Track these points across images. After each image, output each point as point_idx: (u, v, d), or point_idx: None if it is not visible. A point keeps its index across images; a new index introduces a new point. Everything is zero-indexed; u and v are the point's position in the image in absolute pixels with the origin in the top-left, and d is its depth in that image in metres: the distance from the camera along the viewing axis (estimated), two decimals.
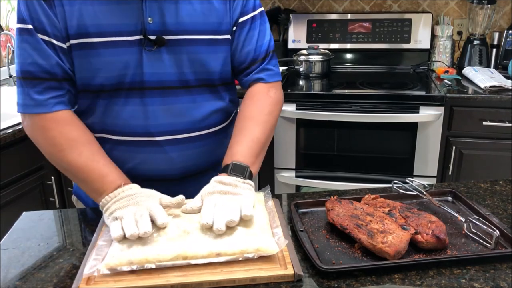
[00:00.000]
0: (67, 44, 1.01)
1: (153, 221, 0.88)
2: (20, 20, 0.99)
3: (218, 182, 0.96)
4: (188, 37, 1.05)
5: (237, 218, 0.87)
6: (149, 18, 1.01)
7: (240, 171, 0.99)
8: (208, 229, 0.88)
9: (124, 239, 0.86)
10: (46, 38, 0.99)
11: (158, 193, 0.96)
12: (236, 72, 1.17)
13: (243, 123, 1.10)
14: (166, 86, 1.06)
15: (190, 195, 0.98)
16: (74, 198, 1.26)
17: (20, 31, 0.99)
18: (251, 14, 1.13)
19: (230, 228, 0.88)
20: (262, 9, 1.16)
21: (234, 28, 1.11)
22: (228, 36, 1.10)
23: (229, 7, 1.09)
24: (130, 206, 0.91)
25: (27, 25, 0.98)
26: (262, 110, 1.12)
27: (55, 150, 1.00)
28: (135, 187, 0.96)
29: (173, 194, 0.96)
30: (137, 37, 1.02)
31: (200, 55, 1.07)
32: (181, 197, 0.95)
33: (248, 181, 0.98)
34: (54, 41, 0.99)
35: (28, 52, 0.99)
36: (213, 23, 1.07)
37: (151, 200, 0.92)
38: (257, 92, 1.15)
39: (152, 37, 1.02)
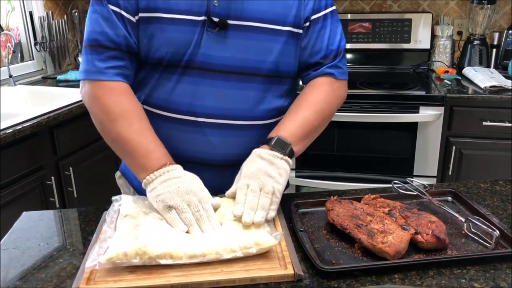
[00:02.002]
0: (136, 17, 1.05)
1: None
2: None
3: (257, 156, 1.00)
4: (251, 24, 1.07)
5: (263, 219, 0.91)
6: (215, 1, 1.04)
7: (281, 146, 1.02)
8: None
9: (126, 232, 0.87)
10: (117, 9, 1.03)
11: (199, 181, 0.98)
12: (305, 67, 1.17)
13: (300, 104, 1.11)
14: (220, 69, 1.08)
15: (227, 185, 1.00)
16: (118, 174, 1.28)
17: (94, 2, 1.05)
18: (323, 12, 1.14)
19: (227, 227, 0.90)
20: (334, 8, 1.17)
21: (308, 24, 1.12)
22: (291, 29, 1.10)
23: (300, 1, 1.10)
24: (180, 194, 0.92)
25: None
26: (323, 98, 1.12)
27: (108, 119, 1.02)
28: (179, 168, 0.98)
29: (210, 181, 1.00)
30: (202, 17, 1.05)
31: (261, 43, 1.08)
32: (217, 204, 0.98)
33: (286, 158, 1.00)
34: (124, 13, 1.04)
35: (98, 22, 1.04)
36: (278, 13, 1.08)
37: (199, 190, 0.95)
38: (323, 82, 1.15)
39: (216, 19, 1.05)
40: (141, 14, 1.05)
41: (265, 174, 0.97)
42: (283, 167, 0.99)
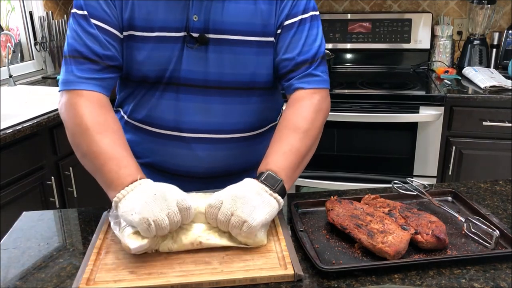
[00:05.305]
0: (125, 33, 1.04)
1: None
2: (77, 6, 1.03)
3: (246, 183, 0.92)
4: (231, 37, 1.05)
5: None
6: (194, 16, 1.03)
7: (271, 182, 0.91)
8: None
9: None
10: (103, 25, 1.02)
11: (175, 187, 0.89)
12: (278, 76, 1.11)
13: (282, 132, 1.03)
14: (202, 84, 1.07)
15: None
16: None
17: (76, 15, 1.03)
18: (299, 17, 1.07)
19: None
20: (315, 13, 1.10)
21: (279, 31, 1.07)
22: (272, 39, 1.07)
23: (276, 8, 1.06)
24: (157, 201, 0.82)
25: (83, 12, 1.02)
26: (304, 119, 1.03)
27: (80, 130, 0.97)
28: (151, 181, 0.90)
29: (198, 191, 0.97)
30: (181, 33, 1.04)
31: (241, 56, 1.06)
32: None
33: (275, 195, 0.90)
34: (110, 29, 1.02)
35: (80, 35, 1.02)
36: (258, 24, 1.05)
37: (177, 193, 0.87)
38: (300, 98, 1.06)
39: (195, 35, 1.03)
40: (123, 33, 1.04)
41: (244, 200, 0.86)
42: (269, 202, 0.88)
